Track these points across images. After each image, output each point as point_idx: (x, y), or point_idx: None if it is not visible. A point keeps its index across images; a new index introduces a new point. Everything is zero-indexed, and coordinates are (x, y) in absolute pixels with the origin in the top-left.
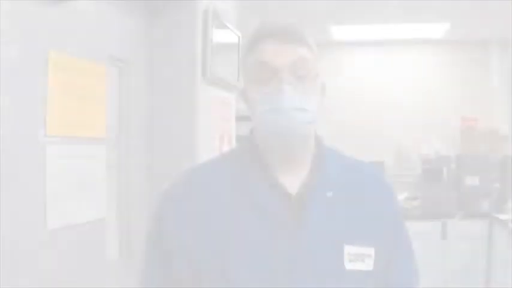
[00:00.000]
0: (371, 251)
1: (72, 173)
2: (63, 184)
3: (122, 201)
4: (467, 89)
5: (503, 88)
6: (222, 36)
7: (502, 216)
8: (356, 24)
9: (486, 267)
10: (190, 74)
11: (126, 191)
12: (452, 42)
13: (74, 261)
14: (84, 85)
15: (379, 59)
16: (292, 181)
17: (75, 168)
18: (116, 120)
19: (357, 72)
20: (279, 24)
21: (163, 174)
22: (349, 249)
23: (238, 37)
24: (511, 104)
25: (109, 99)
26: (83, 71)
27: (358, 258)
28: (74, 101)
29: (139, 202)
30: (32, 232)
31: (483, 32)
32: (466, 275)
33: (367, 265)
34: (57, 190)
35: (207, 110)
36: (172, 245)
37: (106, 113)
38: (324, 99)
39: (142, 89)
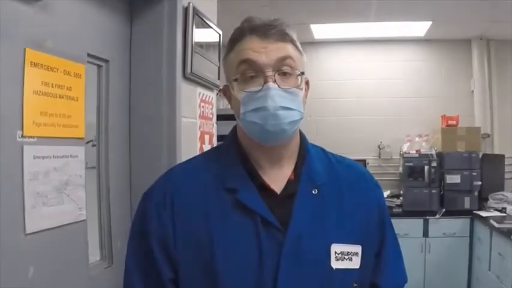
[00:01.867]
0: (358, 248)
1: (50, 174)
2: (42, 186)
3: (103, 203)
4: (448, 87)
5: (484, 86)
6: (202, 34)
7: (484, 214)
8: (337, 23)
9: (468, 264)
10: (170, 72)
11: (106, 192)
12: (434, 41)
13: (54, 265)
14: (63, 84)
15: (360, 58)
16: (277, 180)
17: (54, 169)
18: (95, 120)
19: (339, 71)
20: (263, 21)
21: (143, 174)
22: (336, 248)
23: (219, 35)
24: (491, 103)
25: (88, 99)
26: (61, 70)
27: (346, 256)
28: (52, 101)
29: (120, 203)
30: (10, 236)
31: (465, 31)
32: (448, 273)
33: (354, 263)
34: (36, 192)
35: (188, 109)
36: (156, 244)
37: (85, 113)
38: (308, 96)
39: (122, 88)
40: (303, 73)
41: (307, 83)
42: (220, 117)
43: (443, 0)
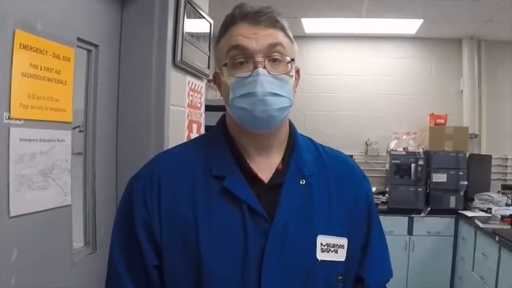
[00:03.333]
0: (344, 241)
1: (36, 157)
2: (27, 169)
3: (88, 189)
4: (438, 86)
5: (474, 86)
6: (193, 23)
7: (469, 214)
8: (329, 18)
9: (451, 263)
10: (160, 59)
11: (91, 178)
12: (424, 39)
13: (37, 249)
14: (51, 67)
15: (350, 53)
16: (265, 168)
17: (40, 153)
18: (83, 106)
19: (328, 66)
20: (254, 8)
21: (130, 161)
22: (321, 240)
23: (210, 24)
24: (480, 103)
25: (77, 83)
26: (51, 53)
27: (331, 248)
28: (40, 84)
29: (106, 190)
30: None
31: (456, 30)
32: (431, 271)
33: (340, 256)
34: (21, 175)
35: (176, 97)
36: (141, 230)
37: (73, 98)
38: (298, 84)
39: (111, 74)
40: (293, 60)
41: (297, 71)
42: (208, 108)
43: None
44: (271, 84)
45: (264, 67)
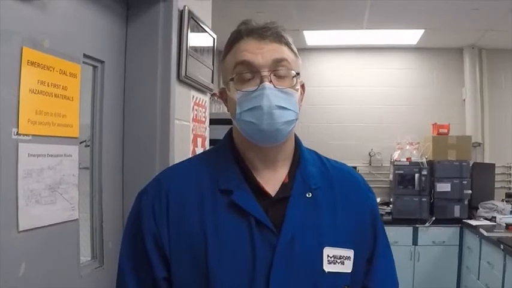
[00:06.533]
0: (351, 253)
1: (44, 172)
2: (35, 184)
3: (95, 203)
4: (440, 95)
5: (476, 95)
6: (197, 37)
7: (473, 223)
8: (330, 30)
9: (457, 273)
10: (165, 74)
11: (98, 192)
12: (426, 49)
13: (45, 263)
14: (58, 83)
15: (352, 65)
16: (272, 182)
17: (48, 168)
18: (90, 121)
19: (330, 78)
20: (259, 24)
21: (136, 175)
22: (328, 251)
23: (214, 39)
24: (482, 112)
25: (83, 99)
26: (57, 69)
27: (338, 260)
28: (48, 100)
29: (112, 204)
30: (3, 233)
31: (457, 39)
32: (437, 281)
33: (346, 267)
34: (29, 190)
35: (181, 112)
36: (150, 242)
37: (80, 113)
38: (303, 99)
39: (116, 89)
40: (298, 74)
41: (302, 86)
42: (212, 121)
43: (435, 8)
44: (278, 97)
45: (270, 81)
